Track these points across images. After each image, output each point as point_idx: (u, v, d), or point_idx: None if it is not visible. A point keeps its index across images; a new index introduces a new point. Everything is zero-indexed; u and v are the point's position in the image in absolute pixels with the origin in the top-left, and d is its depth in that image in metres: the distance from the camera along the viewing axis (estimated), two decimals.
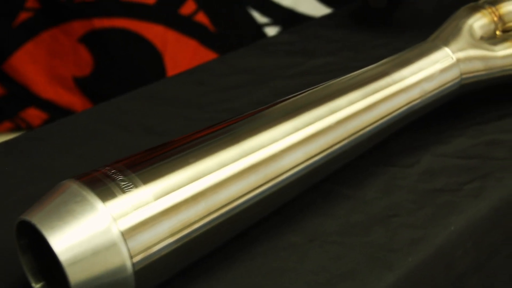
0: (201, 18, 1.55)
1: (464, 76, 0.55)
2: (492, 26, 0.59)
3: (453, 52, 0.55)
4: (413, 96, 0.52)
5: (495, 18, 0.59)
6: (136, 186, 0.38)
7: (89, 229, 0.35)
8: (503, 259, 0.55)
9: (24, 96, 1.50)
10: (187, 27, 1.54)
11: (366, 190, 0.52)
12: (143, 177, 0.38)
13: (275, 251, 0.45)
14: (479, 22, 0.58)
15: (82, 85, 1.52)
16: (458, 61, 0.55)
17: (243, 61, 0.76)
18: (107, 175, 0.38)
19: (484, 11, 0.59)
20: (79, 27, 1.49)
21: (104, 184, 0.37)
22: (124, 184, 0.37)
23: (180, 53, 1.54)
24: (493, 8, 0.59)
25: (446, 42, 0.56)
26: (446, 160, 0.55)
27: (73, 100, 1.53)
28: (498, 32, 0.59)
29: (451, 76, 0.55)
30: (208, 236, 0.40)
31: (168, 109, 0.65)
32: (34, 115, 1.52)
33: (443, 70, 0.54)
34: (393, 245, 0.46)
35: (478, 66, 0.56)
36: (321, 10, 1.55)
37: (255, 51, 0.78)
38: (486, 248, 0.51)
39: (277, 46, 0.79)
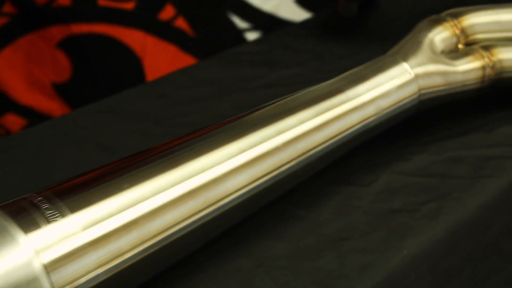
0: (181, 23, 1.53)
1: (423, 91, 0.54)
2: (454, 40, 0.57)
3: (412, 67, 0.53)
4: (368, 113, 0.50)
5: (457, 31, 0.57)
6: (62, 215, 0.36)
7: (9, 262, 0.33)
8: (467, 279, 0.54)
9: (2, 102, 1.48)
10: (166, 32, 1.52)
11: (320, 211, 0.50)
12: (71, 206, 0.36)
13: (220, 277, 0.44)
14: (440, 36, 0.56)
15: (61, 90, 1.50)
16: (417, 76, 0.53)
17: (206, 72, 0.74)
18: (33, 203, 0.36)
19: (446, 24, 0.57)
20: (57, 32, 1.46)
21: (28, 213, 0.35)
22: (49, 214, 0.35)
23: (160, 58, 1.52)
24: (456, 21, 0.58)
25: (405, 57, 0.54)
26: (405, 178, 0.54)
27: (52, 106, 1.50)
28: (460, 46, 0.58)
29: (409, 92, 0.53)
30: (142, 265, 0.38)
31: (123, 124, 0.63)
32: (13, 121, 1.50)
33: (401, 86, 0.52)
34: (342, 271, 0.44)
35: (438, 81, 0.54)
36: (302, 15, 1.53)
37: (219, 62, 0.76)
38: (444, 271, 0.50)
39: (242, 57, 0.77)
